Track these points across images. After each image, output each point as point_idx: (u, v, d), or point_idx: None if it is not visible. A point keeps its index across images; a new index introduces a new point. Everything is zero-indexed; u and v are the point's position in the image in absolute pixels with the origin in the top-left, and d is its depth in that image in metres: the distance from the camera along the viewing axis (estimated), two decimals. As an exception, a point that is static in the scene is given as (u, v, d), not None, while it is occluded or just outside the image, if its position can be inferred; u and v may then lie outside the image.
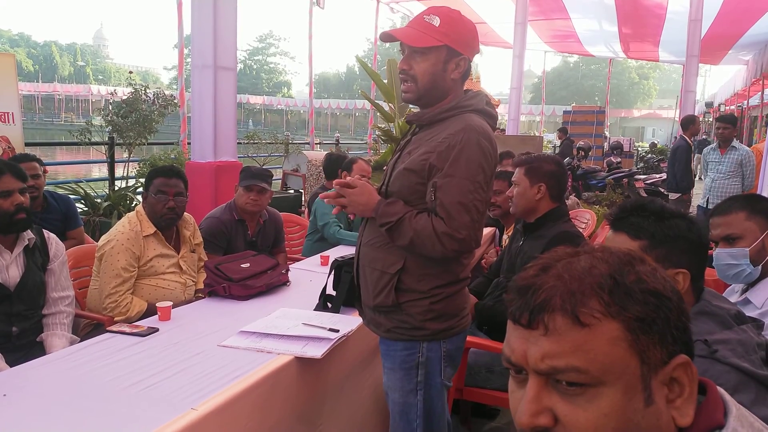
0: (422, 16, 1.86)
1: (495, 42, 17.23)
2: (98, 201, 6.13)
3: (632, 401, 0.70)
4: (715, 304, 1.44)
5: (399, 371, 1.93)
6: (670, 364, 0.71)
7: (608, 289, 0.71)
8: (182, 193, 2.94)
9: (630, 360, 0.70)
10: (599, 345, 0.69)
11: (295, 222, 4.84)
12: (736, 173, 5.90)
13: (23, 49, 75.29)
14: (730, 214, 2.07)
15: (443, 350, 1.92)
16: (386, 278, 1.88)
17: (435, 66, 1.85)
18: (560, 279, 0.72)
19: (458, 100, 1.89)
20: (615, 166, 12.70)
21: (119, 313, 2.71)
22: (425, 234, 1.77)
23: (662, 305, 0.71)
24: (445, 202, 1.78)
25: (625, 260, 0.75)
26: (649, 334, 0.70)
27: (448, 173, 1.78)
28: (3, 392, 1.65)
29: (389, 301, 1.87)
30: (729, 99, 19.43)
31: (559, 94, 60.47)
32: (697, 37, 11.22)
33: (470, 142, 1.78)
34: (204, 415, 1.54)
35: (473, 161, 1.78)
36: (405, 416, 1.96)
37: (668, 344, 0.71)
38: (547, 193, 2.76)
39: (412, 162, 1.86)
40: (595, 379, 0.69)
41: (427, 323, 1.88)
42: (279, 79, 78.58)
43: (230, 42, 4.53)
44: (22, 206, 2.43)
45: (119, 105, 6.98)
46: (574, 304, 0.70)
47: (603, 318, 0.70)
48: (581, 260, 0.74)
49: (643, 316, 0.70)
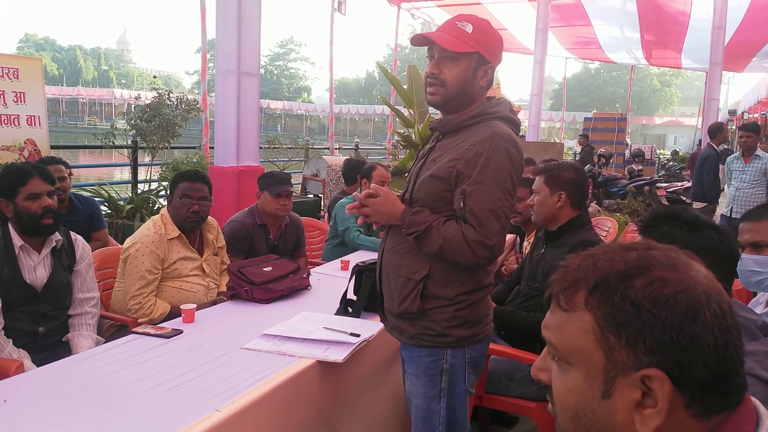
0: (454, 22, 1.86)
1: (516, 48, 17.20)
2: (121, 204, 6.22)
3: (591, 388, 0.76)
4: (742, 315, 1.43)
5: (423, 377, 1.93)
6: (639, 372, 0.73)
7: (593, 286, 0.76)
8: (206, 197, 2.98)
9: (594, 352, 0.76)
10: (571, 330, 0.78)
11: (315, 226, 4.86)
12: (761, 182, 5.82)
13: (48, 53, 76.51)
14: (762, 221, 2.05)
15: (467, 357, 1.92)
16: (411, 285, 1.88)
17: (466, 72, 1.85)
18: (578, 267, 0.80)
19: (483, 107, 1.90)
20: (636, 173, 12.60)
21: (143, 314, 2.74)
22: (455, 242, 1.77)
23: (639, 316, 0.72)
24: (475, 209, 1.78)
25: (642, 264, 0.76)
26: (617, 336, 0.74)
27: (477, 180, 1.78)
28: (4, 398, 1.65)
29: (414, 307, 1.87)
30: (752, 107, 19.15)
31: (580, 101, 60.06)
32: (721, 44, 11.11)
33: (498, 149, 1.78)
34: (228, 417, 1.56)
35: (502, 168, 1.78)
36: (428, 422, 1.95)
37: (640, 353, 0.72)
38: (568, 201, 2.75)
39: (438, 169, 1.86)
40: (564, 356, 0.79)
41: (452, 330, 1.87)
42: (299, 84, 79.05)
43: (254, 48, 4.57)
44: (50, 209, 2.48)
45: (143, 109, 7.08)
46: (566, 290, 0.79)
47: (580, 308, 0.77)
48: (611, 255, 0.79)
49: (612, 319, 0.74)
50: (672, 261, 0.77)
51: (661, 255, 0.77)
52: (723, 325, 0.73)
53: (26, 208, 2.43)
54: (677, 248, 0.80)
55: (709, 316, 0.72)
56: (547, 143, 12.41)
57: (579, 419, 0.79)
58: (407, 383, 2.01)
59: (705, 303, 0.73)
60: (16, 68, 5.64)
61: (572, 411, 0.79)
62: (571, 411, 0.80)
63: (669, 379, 0.71)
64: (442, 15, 14.09)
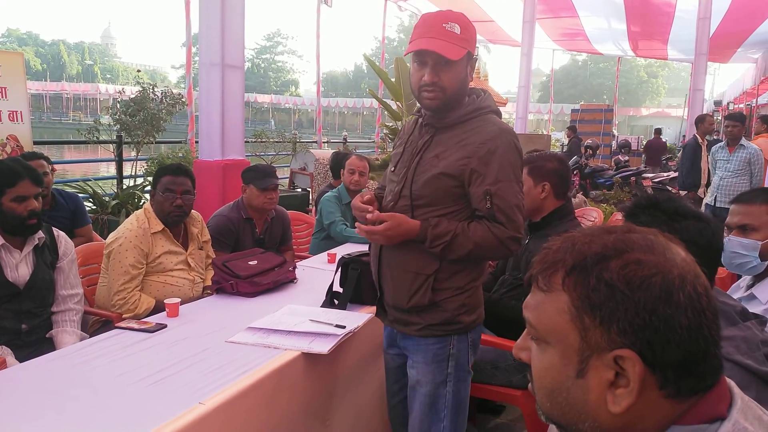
0: (441, 24, 1.85)
1: (503, 40, 17.21)
2: (106, 199, 6.17)
3: (567, 367, 0.78)
4: (721, 300, 1.44)
5: (432, 364, 1.99)
6: (612, 352, 0.74)
7: (570, 267, 0.77)
8: (189, 191, 2.96)
9: (570, 331, 0.77)
10: (548, 310, 0.79)
11: (302, 220, 4.86)
12: (745, 171, 5.87)
13: (31, 48, 75.67)
14: (753, 204, 2.07)
15: (470, 340, 2.01)
16: (422, 279, 1.93)
17: (461, 73, 1.90)
18: (558, 249, 0.81)
19: (477, 102, 1.95)
20: (623, 164, 12.67)
21: (128, 309, 2.73)
22: (487, 243, 1.85)
23: (613, 297, 0.73)
24: (503, 207, 1.85)
25: (619, 247, 0.76)
26: (592, 317, 0.75)
27: (498, 179, 1.85)
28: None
29: (426, 300, 1.93)
30: (738, 97, 19.29)
31: (568, 93, 60.26)
32: (706, 35, 11.18)
33: (509, 145, 1.87)
34: (211, 410, 1.57)
35: (515, 164, 1.89)
36: (434, 407, 2.01)
37: (613, 333, 0.74)
38: (552, 192, 2.76)
39: (449, 167, 1.88)
40: (541, 336, 0.81)
41: (461, 317, 1.96)
42: (287, 77, 78.68)
43: (238, 40, 4.54)
44: (35, 212, 2.45)
45: (127, 104, 7.01)
46: (545, 271, 0.81)
47: (557, 289, 0.78)
48: (590, 238, 0.80)
49: (587, 300, 0.75)
50: (650, 244, 0.77)
51: (639, 238, 0.78)
52: (697, 308, 0.73)
53: (12, 209, 2.39)
54: (657, 231, 0.81)
55: (683, 298, 0.73)
56: (535, 135, 12.43)
57: (555, 397, 0.80)
58: (413, 372, 2.03)
59: (679, 285, 0.73)
60: (-3, 63, 5.57)
61: (549, 389, 0.81)
62: (547, 389, 0.81)
63: (641, 360, 0.72)
64: (429, 7, 14.05)
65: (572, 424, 0.80)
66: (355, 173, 4.14)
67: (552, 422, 0.84)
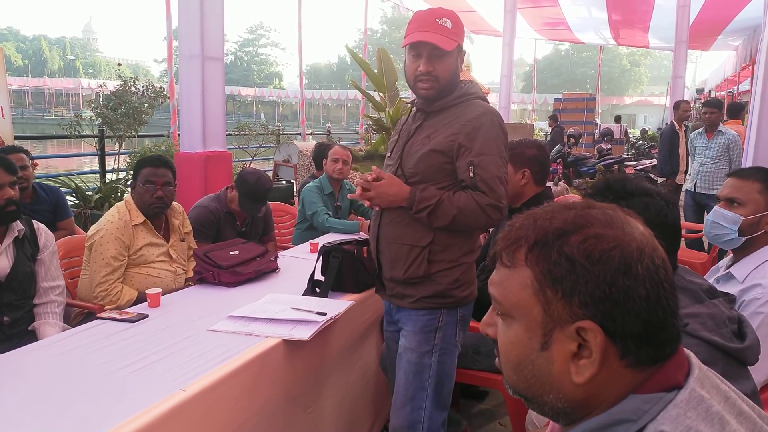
0: (434, 19, 2.01)
1: (485, 30, 17.24)
2: (89, 193, 6.14)
3: (531, 341, 0.80)
4: (688, 279, 1.48)
5: (419, 334, 2.09)
6: (574, 324, 0.76)
7: (532, 243, 0.80)
8: (170, 182, 2.96)
9: (533, 306, 0.79)
10: (512, 285, 0.82)
11: (285, 211, 4.87)
12: (723, 157, 5.93)
13: (12, 44, 74.59)
14: (746, 180, 2.12)
15: (459, 315, 2.11)
16: (417, 251, 2.05)
17: (453, 64, 2.05)
18: (520, 226, 0.83)
19: (465, 89, 2.09)
20: (605, 152, 12.76)
21: (110, 301, 2.73)
22: (469, 209, 1.97)
23: (574, 271, 0.76)
24: (485, 176, 1.97)
25: (579, 222, 0.79)
26: (554, 290, 0.77)
27: (482, 152, 1.98)
28: None
29: (421, 271, 2.04)
30: (719, 85, 19.49)
31: (551, 83, 60.46)
32: (686, 22, 11.27)
33: (494, 123, 2.01)
34: (192, 396, 1.58)
35: (500, 140, 2.01)
36: (419, 375, 2.10)
37: (574, 306, 0.76)
38: (531, 178, 2.80)
39: (438, 144, 2.02)
40: (506, 311, 0.83)
41: (454, 291, 2.06)
42: (270, 70, 78.23)
43: (217, 32, 4.53)
44: (12, 200, 2.45)
45: (108, 98, 6.97)
46: (509, 248, 0.83)
47: (520, 265, 0.81)
48: (551, 214, 0.82)
49: (549, 274, 0.78)
50: (609, 218, 0.80)
51: (598, 213, 0.81)
52: (655, 279, 0.76)
53: None
54: (616, 207, 0.83)
55: (641, 270, 0.75)
56: (518, 125, 12.47)
57: (521, 370, 0.83)
58: (403, 340, 2.15)
59: (637, 258, 0.76)
60: (-25, 58, 5.51)
61: (514, 362, 0.83)
62: (513, 363, 0.84)
63: (602, 331, 0.75)
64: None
65: (538, 396, 0.82)
66: (338, 161, 4.15)
67: (518, 395, 0.86)
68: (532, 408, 0.86)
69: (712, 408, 0.75)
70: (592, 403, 0.79)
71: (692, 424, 0.73)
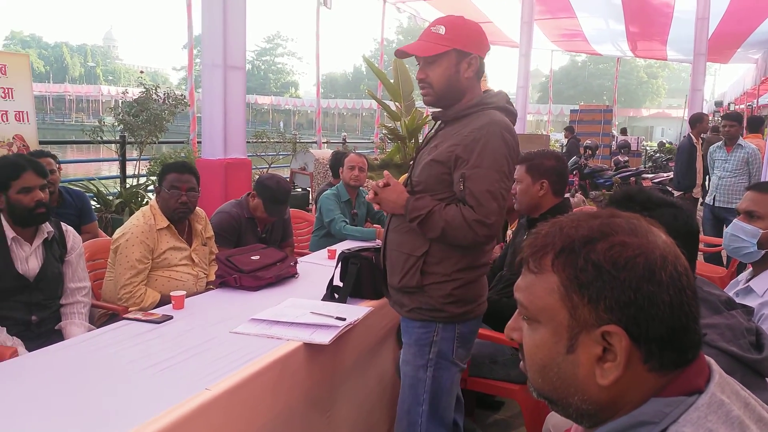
0: (430, 27, 2.03)
1: (501, 41, 17.24)
2: (110, 198, 6.24)
3: (557, 344, 0.83)
4: (706, 290, 1.50)
5: (414, 347, 2.08)
6: (599, 328, 0.79)
7: (559, 250, 0.83)
8: (194, 188, 3.03)
9: (560, 310, 0.82)
10: (539, 290, 0.85)
11: (302, 218, 4.92)
12: (743, 171, 5.89)
13: (34, 50, 75.69)
14: (765, 193, 2.14)
15: (457, 332, 2.06)
16: (412, 261, 2.03)
17: (448, 70, 2.01)
18: (546, 234, 0.86)
19: (481, 97, 2.04)
20: (622, 165, 12.72)
21: (134, 303, 2.79)
22: (456, 223, 1.92)
23: (600, 277, 0.79)
24: (474, 191, 1.92)
25: (604, 230, 0.82)
26: (580, 295, 0.80)
27: (475, 164, 1.92)
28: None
29: (413, 282, 2.02)
30: (738, 98, 19.30)
31: (567, 93, 60.23)
32: (705, 35, 11.22)
33: (495, 135, 1.93)
34: (217, 395, 1.63)
35: (498, 153, 1.92)
36: (414, 389, 2.09)
37: (600, 311, 0.79)
38: (550, 189, 2.82)
39: (439, 154, 2.00)
40: (533, 315, 0.86)
41: (447, 306, 2.02)
42: (286, 79, 78.75)
43: (240, 42, 4.61)
44: (42, 202, 2.52)
45: (130, 104, 7.08)
46: (535, 254, 0.86)
47: (547, 271, 0.84)
48: (577, 222, 0.85)
49: (575, 279, 0.81)
50: (633, 227, 0.83)
51: (623, 222, 0.84)
52: (678, 286, 0.79)
53: (19, 201, 2.47)
54: (639, 216, 0.87)
55: (665, 277, 0.78)
56: (534, 135, 12.47)
57: (546, 373, 0.86)
58: (402, 351, 2.16)
59: (661, 265, 0.79)
60: (3, 64, 5.63)
61: (540, 365, 0.86)
62: (539, 366, 0.87)
63: (627, 335, 0.78)
64: (427, 9, 14.13)
65: (563, 398, 0.85)
66: (354, 169, 4.22)
67: (543, 398, 0.89)
68: (556, 410, 0.89)
69: (732, 412, 0.77)
70: (615, 406, 0.82)
71: (712, 427, 0.75)
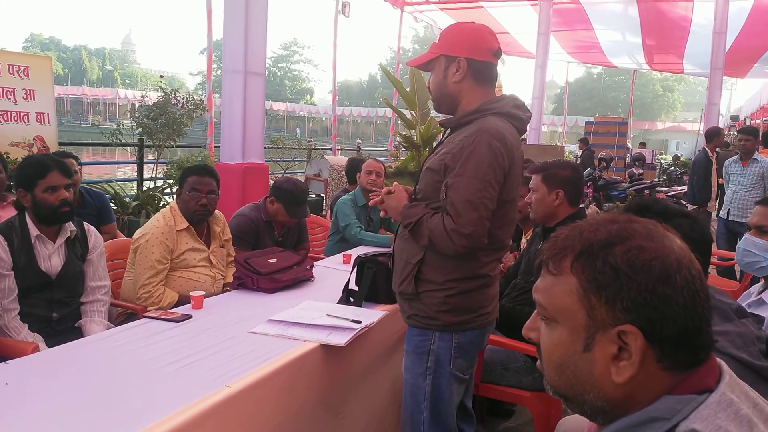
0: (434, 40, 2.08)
1: (518, 52, 17.30)
2: (127, 200, 6.32)
3: (574, 343, 0.87)
4: (718, 299, 1.53)
5: (412, 354, 2.09)
6: (616, 328, 0.83)
7: (578, 253, 0.86)
8: (214, 191, 3.08)
9: (578, 310, 0.86)
10: (558, 291, 0.88)
11: (317, 223, 4.96)
12: (758, 185, 5.88)
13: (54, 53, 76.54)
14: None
15: (454, 342, 2.04)
16: (409, 267, 2.03)
17: (438, 75, 2.05)
18: (566, 237, 0.90)
19: (483, 103, 1.99)
20: (637, 177, 12.68)
21: (152, 303, 2.84)
22: (438, 232, 1.91)
23: (618, 278, 0.82)
24: (454, 200, 1.89)
25: (622, 234, 0.86)
26: (598, 296, 0.84)
27: (458, 173, 1.90)
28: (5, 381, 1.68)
29: (410, 289, 2.03)
30: (755, 113, 19.19)
31: (582, 105, 60.07)
32: (722, 49, 11.21)
33: (481, 143, 1.88)
34: (236, 392, 1.66)
35: (483, 161, 1.87)
36: (414, 397, 2.10)
37: (617, 311, 0.83)
38: (565, 199, 2.84)
39: (433, 162, 2.01)
40: (551, 315, 0.90)
41: (441, 315, 2.01)
42: (302, 86, 79.20)
43: (260, 48, 4.69)
44: (67, 201, 2.58)
45: (150, 108, 7.18)
46: (555, 257, 0.90)
47: (566, 273, 0.87)
48: (596, 227, 0.89)
49: (594, 281, 0.84)
50: (649, 232, 0.87)
51: (640, 227, 0.88)
52: (692, 289, 0.83)
53: (44, 199, 2.53)
54: (656, 222, 0.90)
55: (679, 280, 0.82)
56: (549, 146, 12.50)
57: (563, 371, 0.89)
58: (404, 358, 2.16)
59: (676, 268, 0.82)
60: (26, 66, 5.76)
61: (557, 363, 0.90)
62: (556, 364, 0.90)
63: (642, 335, 0.81)
64: (444, 18, 14.21)
65: (578, 395, 0.89)
66: (372, 173, 4.28)
67: (559, 395, 0.92)
68: (571, 408, 0.92)
69: (741, 411, 0.81)
70: (629, 403, 0.85)
71: (722, 423, 0.78)
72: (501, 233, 2.02)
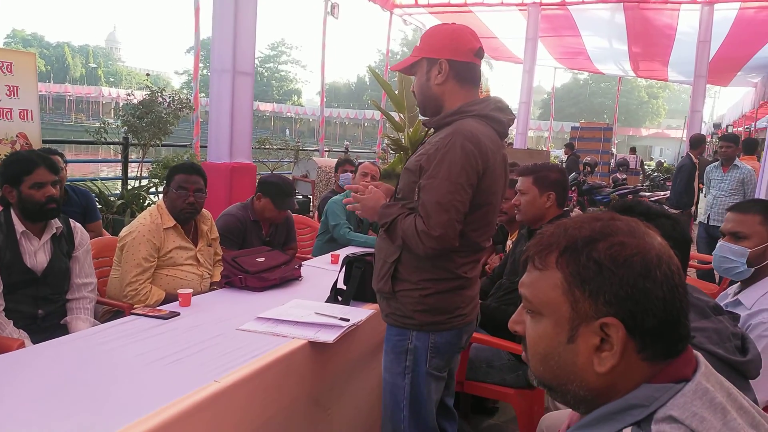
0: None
1: (505, 57, 17.41)
2: (112, 199, 6.29)
3: (558, 335, 0.90)
4: (695, 296, 1.58)
5: (391, 354, 2.10)
6: (598, 320, 0.86)
7: (563, 248, 0.90)
8: (201, 189, 3.08)
9: (562, 303, 0.89)
10: (543, 285, 0.92)
11: (305, 224, 4.97)
12: (738, 191, 6.00)
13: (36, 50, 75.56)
14: (747, 214, 2.21)
15: (431, 342, 2.04)
16: (386, 267, 2.05)
17: (420, 78, 2.06)
18: (551, 234, 0.93)
19: (463, 105, 1.98)
20: (620, 182, 12.83)
21: (139, 300, 2.84)
22: (409, 233, 1.92)
23: (601, 273, 0.86)
24: (425, 201, 1.89)
25: (605, 231, 0.89)
26: (582, 290, 0.87)
27: (431, 175, 1.89)
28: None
29: (387, 287, 2.04)
30: (737, 120, 19.51)
31: (568, 111, 60.60)
32: (705, 58, 11.38)
33: (455, 145, 1.87)
34: (225, 387, 1.67)
35: (455, 163, 1.86)
36: (394, 396, 2.10)
37: (600, 304, 0.86)
38: (555, 201, 2.89)
39: (410, 162, 2.01)
40: (536, 308, 0.94)
41: (417, 314, 2.01)
42: (289, 87, 79.00)
43: (249, 48, 4.69)
44: (54, 198, 2.57)
45: (135, 107, 7.14)
46: (541, 252, 0.93)
47: (552, 268, 0.91)
48: (580, 224, 0.92)
49: (578, 276, 0.88)
50: (631, 229, 0.90)
51: (622, 224, 0.91)
52: (671, 283, 0.87)
53: (31, 196, 2.52)
54: (638, 220, 0.94)
55: (659, 275, 0.86)
56: (534, 151, 12.58)
57: (548, 362, 0.93)
58: (383, 358, 2.16)
59: (656, 264, 0.86)
60: (9, 62, 5.69)
61: (542, 355, 0.93)
62: (541, 355, 0.94)
63: (623, 327, 0.85)
64: (433, 21, 14.25)
65: (562, 385, 0.92)
66: (367, 176, 4.30)
67: (543, 385, 0.96)
68: (554, 397, 0.95)
69: (716, 399, 0.85)
70: (610, 392, 0.89)
71: (697, 410, 0.83)
72: (477, 236, 2.01)
